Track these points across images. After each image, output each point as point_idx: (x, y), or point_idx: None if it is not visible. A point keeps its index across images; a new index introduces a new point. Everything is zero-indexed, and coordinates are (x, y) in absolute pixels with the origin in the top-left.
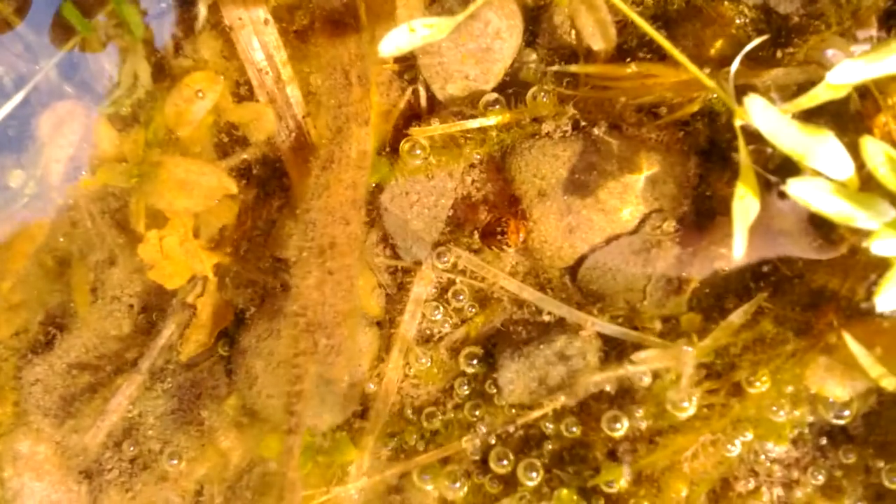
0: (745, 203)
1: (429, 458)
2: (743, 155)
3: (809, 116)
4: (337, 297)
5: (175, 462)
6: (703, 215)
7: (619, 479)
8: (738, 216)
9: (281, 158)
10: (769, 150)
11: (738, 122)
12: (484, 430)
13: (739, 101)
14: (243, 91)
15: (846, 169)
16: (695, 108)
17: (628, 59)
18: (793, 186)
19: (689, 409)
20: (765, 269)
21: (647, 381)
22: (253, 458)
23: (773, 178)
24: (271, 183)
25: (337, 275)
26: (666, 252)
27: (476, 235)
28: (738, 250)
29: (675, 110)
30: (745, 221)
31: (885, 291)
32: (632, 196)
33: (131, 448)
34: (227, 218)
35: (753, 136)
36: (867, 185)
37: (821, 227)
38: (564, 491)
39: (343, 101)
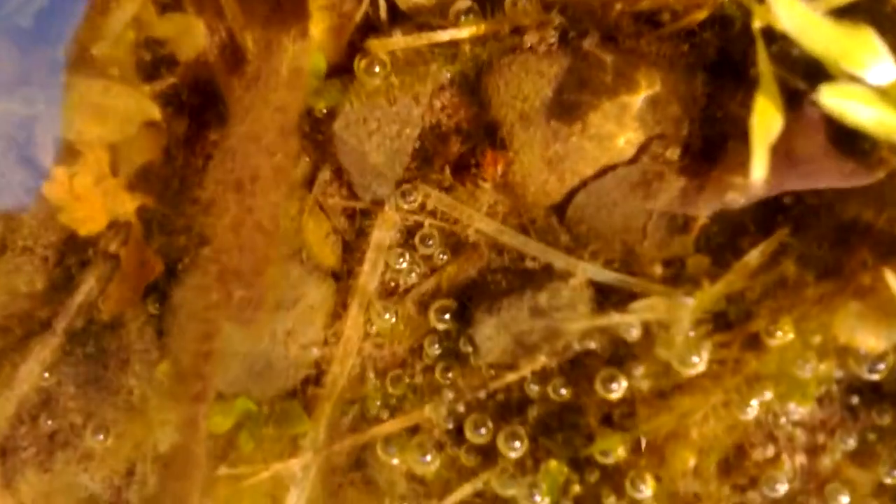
0: (765, 118)
1: (394, 427)
2: (763, 62)
3: (839, 16)
4: (256, 241)
5: (101, 437)
6: (712, 141)
7: (616, 448)
8: (757, 133)
9: (214, 81)
10: (793, 57)
11: (757, 24)
12: (458, 394)
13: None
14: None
15: (889, 72)
16: (703, 14)
17: None
18: (826, 94)
19: (697, 366)
20: (786, 200)
21: (635, 333)
22: None
23: (801, 85)
24: (206, 111)
25: (257, 214)
26: (669, 184)
27: (447, 170)
28: (757, 172)
29: (680, 18)
30: (765, 139)
31: None
32: (629, 120)
33: (49, 422)
34: (152, 152)
35: (773, 43)
36: None
37: (854, 146)
38: (553, 462)
39: (273, 8)
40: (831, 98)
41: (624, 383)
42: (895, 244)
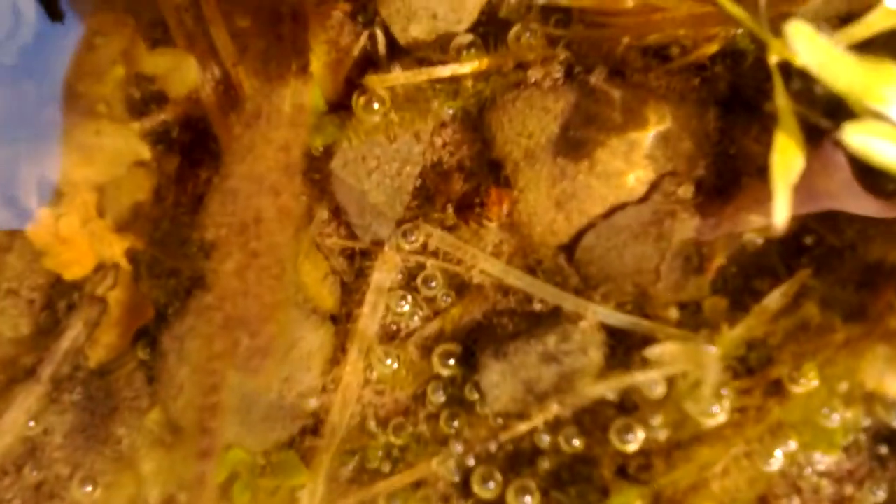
0: (786, 156)
1: (397, 480)
2: (781, 98)
3: (859, 51)
4: (263, 286)
5: (88, 489)
6: (726, 177)
7: (633, 502)
8: (778, 173)
9: (207, 118)
10: (812, 92)
11: (773, 59)
12: (464, 445)
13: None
14: (158, 34)
15: None
16: (714, 47)
17: None
18: (850, 132)
19: (718, 416)
20: (807, 240)
21: (659, 390)
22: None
23: (822, 123)
24: (197, 149)
25: (263, 258)
26: (682, 223)
27: (450, 209)
28: (780, 216)
29: (690, 52)
30: (787, 179)
31: None
32: (638, 156)
33: (34, 472)
34: (141, 192)
35: (789, 77)
36: None
37: (877, 185)
38: None
39: (273, 42)
40: (856, 136)
41: (641, 434)
42: None
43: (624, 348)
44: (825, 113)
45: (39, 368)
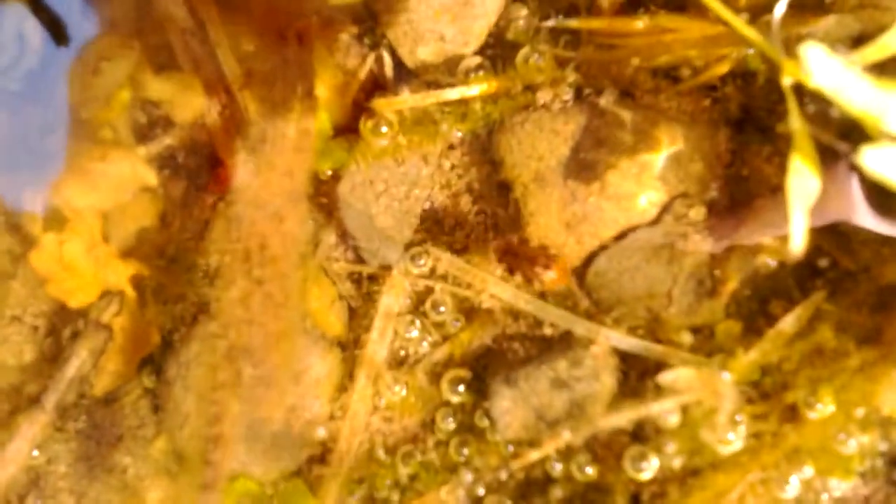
0: (802, 179)
1: None
2: (795, 120)
3: (874, 72)
4: (267, 314)
5: None
6: (738, 200)
7: None
8: (794, 196)
9: (213, 143)
10: (825, 114)
11: (786, 81)
12: (475, 473)
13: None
14: (164, 58)
15: None
16: (724, 68)
17: (640, 11)
18: (866, 155)
19: (734, 443)
20: (821, 262)
21: (674, 419)
22: None
23: (838, 146)
24: (202, 174)
25: (267, 285)
26: (695, 246)
27: (458, 233)
28: (797, 240)
29: (701, 72)
30: (803, 203)
31: None
32: (650, 179)
33: (38, 503)
34: (146, 218)
35: (801, 98)
36: None
37: (891, 208)
38: None
39: (278, 66)
40: (872, 159)
41: (655, 462)
42: None
43: (637, 373)
44: (839, 135)
45: (44, 397)
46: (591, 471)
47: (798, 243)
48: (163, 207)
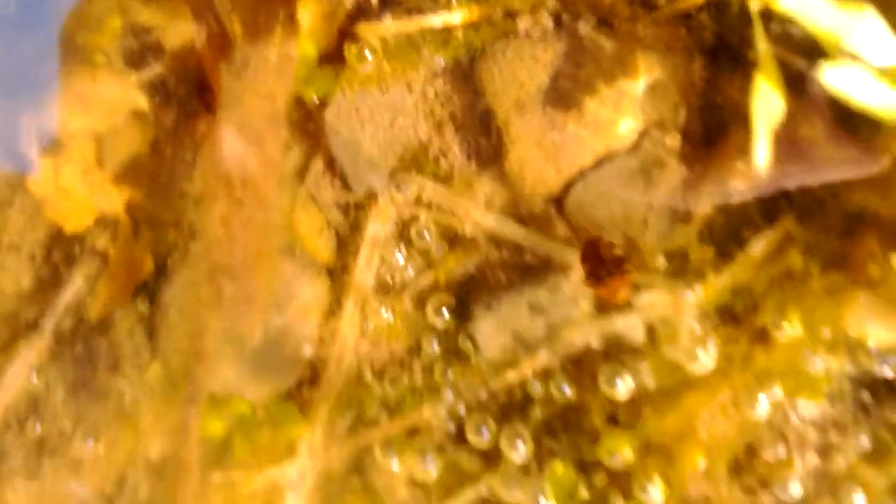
0: (766, 100)
1: (393, 429)
2: (761, 42)
3: None
4: (247, 235)
5: (91, 444)
6: (712, 128)
7: (622, 448)
8: (759, 117)
9: (201, 69)
10: (793, 38)
11: (754, 6)
12: (458, 395)
13: None
14: None
15: (889, 52)
16: None
17: None
18: (828, 73)
19: (704, 363)
20: (791, 188)
21: (640, 333)
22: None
23: (802, 65)
24: (193, 102)
25: (248, 207)
26: (670, 173)
27: (443, 163)
28: (760, 158)
29: (676, 0)
30: (767, 123)
31: None
32: (628, 106)
33: (37, 427)
34: (138, 144)
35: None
36: None
37: (858, 131)
38: (558, 465)
39: None
40: (833, 78)
41: (629, 380)
42: None
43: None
44: (807, 58)
45: (41, 321)
46: (568, 391)
47: (762, 158)
48: (154, 135)
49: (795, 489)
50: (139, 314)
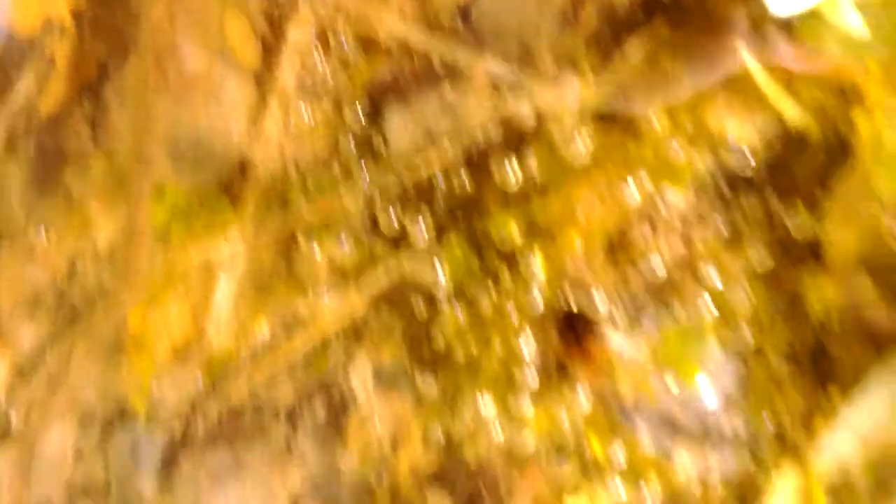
0: None
1: (314, 219)
2: None
3: None
4: (190, 25)
5: (42, 234)
6: None
7: (510, 226)
8: None
9: None
10: None
11: None
12: (373, 187)
13: None
14: None
15: None
16: None
17: None
18: None
19: (581, 151)
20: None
21: (531, 122)
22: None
23: None
24: None
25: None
26: None
27: None
28: None
29: None
30: None
31: None
32: None
33: None
34: None
35: None
36: None
37: None
38: (454, 237)
39: None
40: None
41: (517, 167)
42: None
43: (513, 100)
44: None
45: None
46: (468, 183)
47: None
48: None
49: (660, 268)
50: (84, 114)
